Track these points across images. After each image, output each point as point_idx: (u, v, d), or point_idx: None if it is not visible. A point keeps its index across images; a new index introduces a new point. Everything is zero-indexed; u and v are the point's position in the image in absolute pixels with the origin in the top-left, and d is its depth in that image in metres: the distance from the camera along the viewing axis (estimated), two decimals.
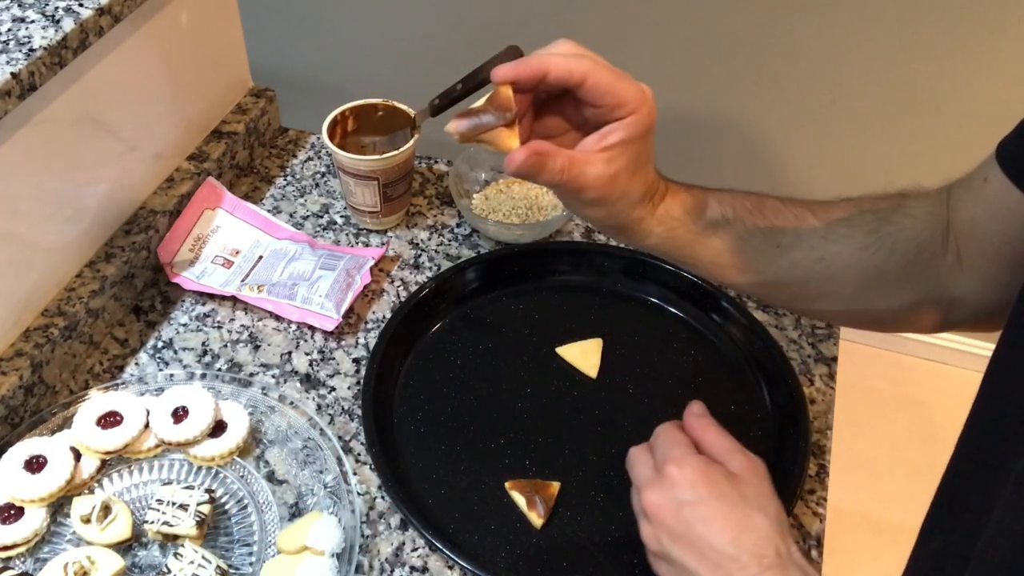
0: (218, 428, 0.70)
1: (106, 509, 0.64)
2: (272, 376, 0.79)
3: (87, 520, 0.64)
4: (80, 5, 0.71)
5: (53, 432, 0.70)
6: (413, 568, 0.66)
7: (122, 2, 0.73)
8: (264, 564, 0.64)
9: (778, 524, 0.56)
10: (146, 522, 0.64)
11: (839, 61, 1.52)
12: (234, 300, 0.85)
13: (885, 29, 1.46)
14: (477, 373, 0.79)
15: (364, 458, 0.73)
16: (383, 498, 0.70)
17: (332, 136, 0.87)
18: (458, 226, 0.94)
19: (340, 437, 0.74)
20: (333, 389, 0.78)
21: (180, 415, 0.70)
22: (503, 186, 0.95)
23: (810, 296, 0.65)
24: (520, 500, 0.69)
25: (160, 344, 0.81)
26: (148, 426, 0.70)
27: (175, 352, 0.80)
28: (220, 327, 0.83)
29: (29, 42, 0.66)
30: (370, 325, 0.84)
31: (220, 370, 0.79)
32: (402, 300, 0.84)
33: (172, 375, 0.77)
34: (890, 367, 1.96)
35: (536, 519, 0.68)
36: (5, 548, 0.63)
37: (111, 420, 0.69)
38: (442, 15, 1.67)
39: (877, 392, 1.92)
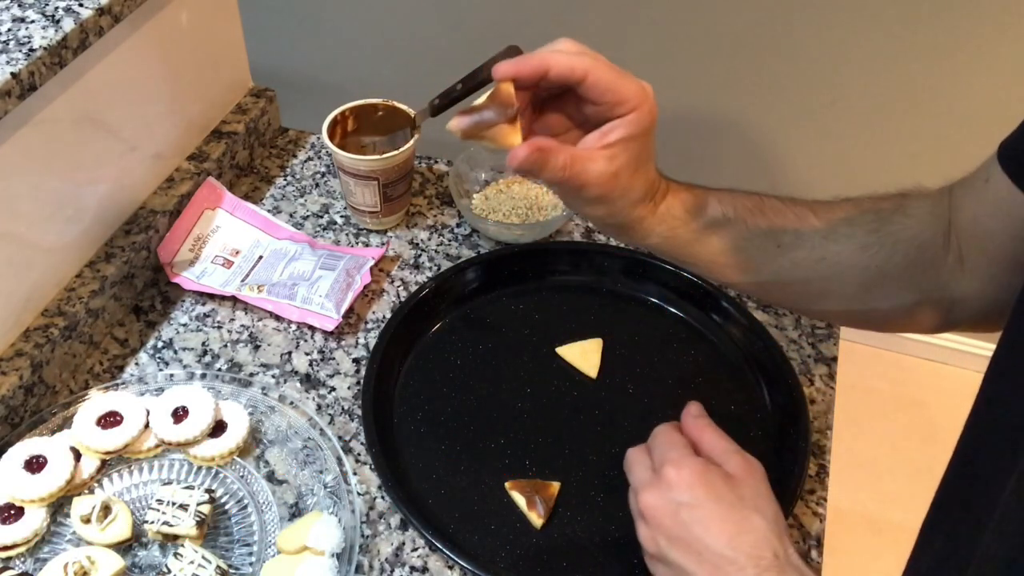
0: (218, 428, 0.71)
1: (106, 509, 0.64)
2: (272, 376, 0.79)
3: (87, 520, 0.64)
4: (80, 5, 0.71)
5: (53, 432, 0.70)
6: (413, 568, 0.66)
7: (122, 2, 0.73)
8: (264, 564, 0.64)
9: (775, 526, 0.55)
10: (146, 522, 0.65)
11: (839, 61, 1.52)
12: (234, 300, 0.85)
13: (885, 29, 1.46)
14: (477, 373, 0.79)
15: (364, 458, 0.73)
16: (383, 498, 0.70)
17: (332, 136, 0.87)
18: (458, 226, 0.94)
19: (340, 437, 0.74)
20: (333, 389, 0.78)
21: (180, 415, 0.70)
22: (503, 186, 0.95)
23: (811, 296, 0.65)
24: (520, 500, 0.69)
25: (160, 344, 0.81)
26: (148, 426, 0.70)
27: (175, 352, 0.80)
28: (220, 327, 0.83)
29: (29, 42, 0.66)
30: (370, 325, 0.84)
31: (220, 370, 0.79)
32: (402, 300, 0.84)
33: (172, 375, 0.77)
34: (890, 367, 1.96)
35: (536, 519, 0.68)
36: (5, 548, 0.63)
37: (111, 420, 0.69)
38: (442, 15, 1.67)
39: (877, 392, 1.92)
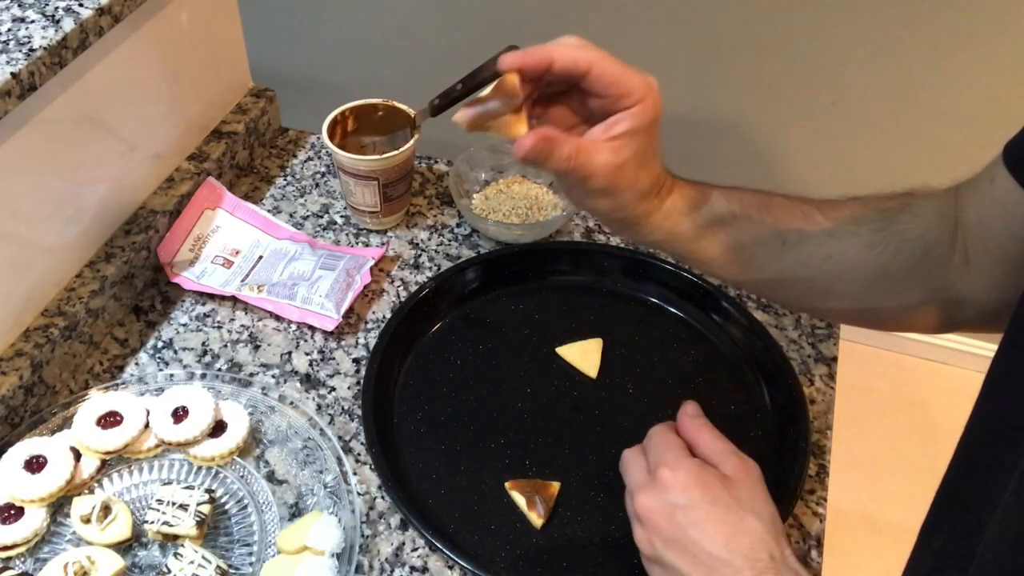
0: (218, 428, 0.70)
1: (106, 509, 0.64)
2: (272, 376, 0.79)
3: (87, 520, 0.64)
4: (80, 5, 0.71)
5: (53, 432, 0.70)
6: (413, 568, 0.66)
7: (122, 2, 0.73)
8: (264, 564, 0.64)
9: (772, 527, 0.55)
10: (146, 522, 0.64)
11: (839, 61, 1.52)
12: (234, 300, 0.85)
13: (885, 29, 1.46)
14: (477, 373, 0.79)
15: (364, 458, 0.73)
16: (383, 498, 0.70)
17: (332, 136, 0.87)
18: (458, 226, 0.94)
19: (340, 437, 0.74)
20: (333, 389, 0.78)
21: (180, 415, 0.70)
22: (503, 186, 0.95)
23: (816, 294, 0.65)
24: (520, 500, 0.69)
25: (160, 344, 0.81)
26: (148, 426, 0.70)
27: (175, 352, 0.80)
28: (220, 327, 0.83)
29: (29, 42, 0.66)
30: (370, 325, 0.83)
31: (220, 370, 0.79)
32: (402, 300, 0.84)
33: (172, 375, 0.77)
34: (890, 367, 1.96)
35: (536, 519, 0.68)
36: (5, 548, 0.63)
37: (111, 420, 0.69)
38: (442, 15, 1.67)
39: (877, 392, 1.92)
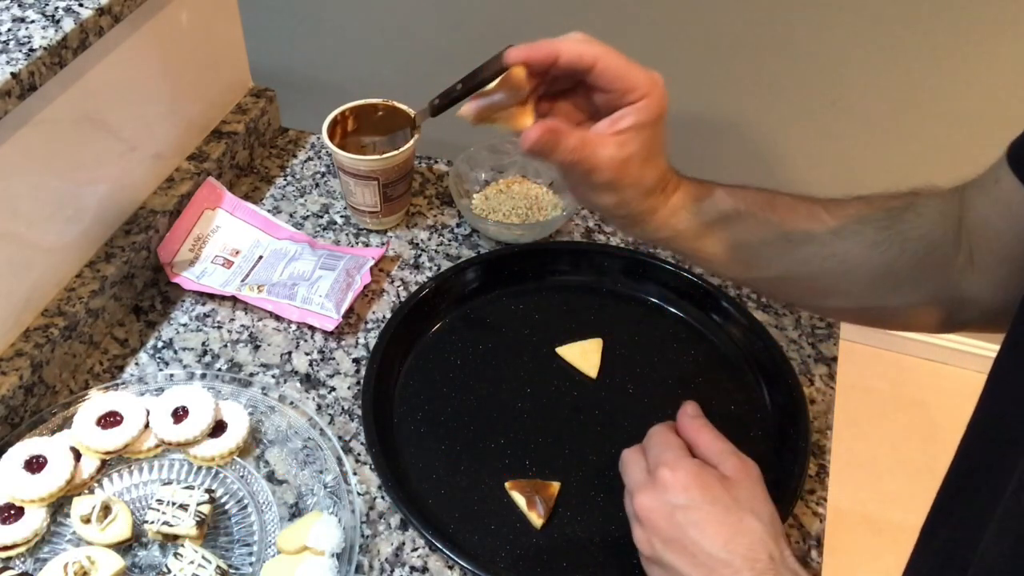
0: (218, 428, 0.70)
1: (106, 509, 0.64)
2: (272, 376, 0.79)
3: (87, 520, 0.64)
4: (80, 5, 0.71)
5: (53, 432, 0.70)
6: (413, 568, 0.66)
7: (122, 2, 0.73)
8: (264, 564, 0.64)
9: (771, 528, 0.55)
10: (146, 522, 0.64)
11: (840, 61, 1.52)
12: (234, 300, 0.85)
13: (886, 29, 1.46)
14: (477, 373, 0.79)
15: (364, 458, 0.73)
16: (383, 498, 0.70)
17: (332, 136, 0.87)
18: (458, 226, 0.94)
19: (340, 437, 0.74)
20: (333, 389, 0.78)
21: (180, 415, 0.70)
22: (503, 186, 0.95)
23: (820, 293, 0.65)
24: (520, 500, 0.69)
25: (160, 344, 0.81)
26: (148, 426, 0.70)
27: (175, 352, 0.80)
28: (220, 327, 0.83)
29: (29, 42, 0.66)
30: (370, 325, 0.83)
31: (220, 370, 0.79)
32: (402, 300, 0.84)
33: (172, 375, 0.77)
34: (890, 367, 1.96)
35: (536, 519, 0.68)
36: (5, 548, 0.63)
37: (111, 420, 0.69)
38: (442, 15, 1.67)
39: (877, 392, 1.92)
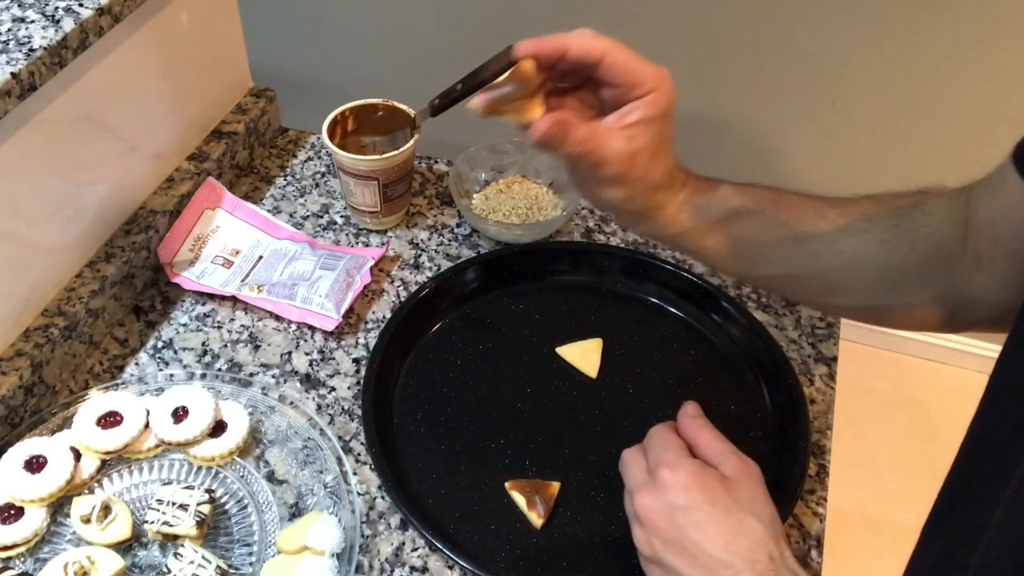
0: (218, 428, 0.70)
1: (106, 509, 0.64)
2: (272, 376, 0.79)
3: (87, 520, 0.64)
4: (80, 5, 0.71)
5: (53, 432, 0.70)
6: (413, 568, 0.66)
7: (122, 2, 0.73)
8: (264, 564, 0.64)
9: (771, 529, 0.55)
10: (146, 522, 0.64)
11: (840, 61, 1.52)
12: (234, 300, 0.85)
13: (886, 29, 1.46)
14: (477, 373, 0.79)
15: (364, 458, 0.73)
16: (383, 498, 0.70)
17: (332, 136, 0.87)
18: (458, 226, 0.94)
19: (340, 437, 0.74)
20: (333, 389, 0.78)
21: (180, 415, 0.70)
22: (503, 186, 0.95)
23: (828, 291, 0.65)
24: (520, 500, 0.69)
25: (160, 344, 0.81)
26: (148, 426, 0.70)
27: (175, 352, 0.80)
28: (220, 327, 0.83)
29: (29, 42, 0.66)
30: (370, 325, 0.83)
31: (220, 370, 0.79)
32: (402, 300, 0.84)
33: (172, 375, 0.77)
34: (890, 367, 1.96)
35: (536, 519, 0.68)
36: (5, 548, 0.63)
37: (111, 420, 0.69)
38: (442, 15, 1.67)
39: (877, 392, 1.92)
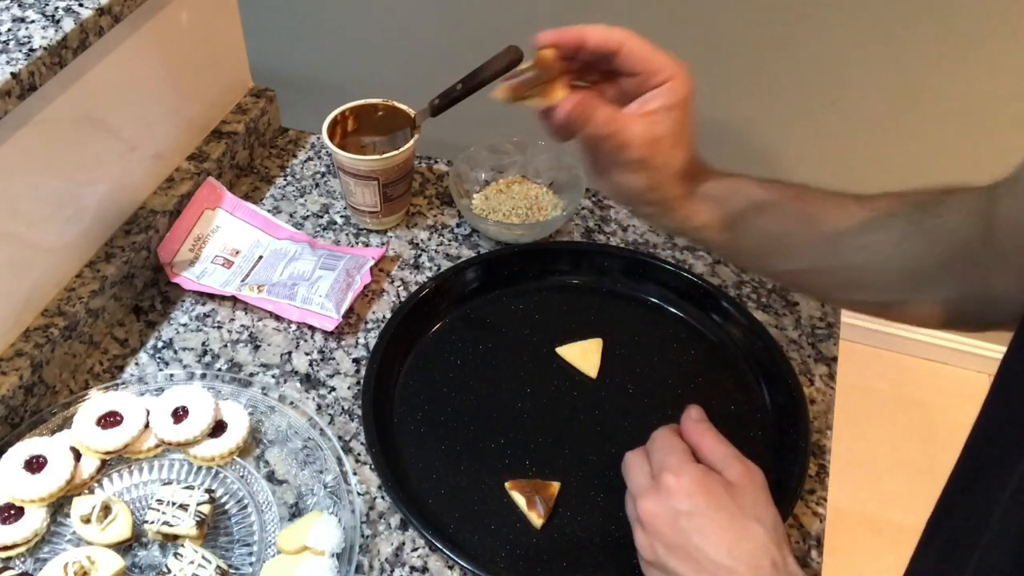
0: (218, 428, 0.71)
1: (106, 509, 0.64)
2: (272, 376, 0.79)
3: (87, 520, 0.64)
4: (80, 5, 0.71)
5: (53, 432, 0.70)
6: (413, 568, 0.66)
7: (122, 2, 0.73)
8: (264, 564, 0.64)
9: (774, 534, 0.55)
10: (146, 522, 0.64)
11: (840, 62, 1.52)
12: (234, 300, 0.85)
13: (886, 30, 1.46)
14: (477, 373, 0.79)
15: (364, 458, 0.73)
16: (383, 498, 0.70)
17: (332, 136, 0.87)
18: (458, 226, 0.94)
19: (340, 437, 0.74)
20: (333, 389, 0.78)
21: (180, 415, 0.70)
22: (503, 186, 0.95)
23: (849, 286, 0.65)
24: (520, 500, 0.69)
25: (160, 344, 0.81)
26: (148, 426, 0.70)
27: (175, 352, 0.80)
28: (220, 327, 0.83)
29: (29, 42, 0.66)
30: (370, 325, 0.83)
31: (220, 370, 0.79)
32: (402, 300, 0.84)
33: (172, 375, 0.77)
34: (890, 367, 1.96)
35: (536, 519, 0.68)
36: (5, 548, 0.63)
37: (111, 420, 0.69)
38: (442, 15, 1.67)
39: (877, 392, 1.92)
